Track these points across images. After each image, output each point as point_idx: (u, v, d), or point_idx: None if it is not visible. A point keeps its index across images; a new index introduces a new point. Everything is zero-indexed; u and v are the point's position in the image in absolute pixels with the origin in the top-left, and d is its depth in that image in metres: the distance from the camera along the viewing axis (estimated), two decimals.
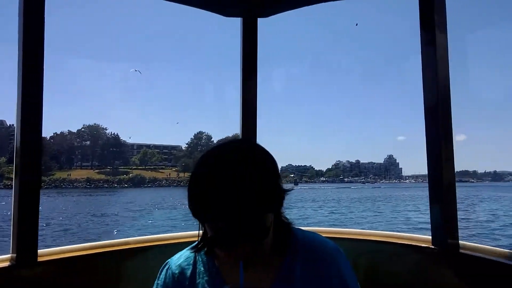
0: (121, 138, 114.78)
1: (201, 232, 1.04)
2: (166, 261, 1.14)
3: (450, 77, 1.64)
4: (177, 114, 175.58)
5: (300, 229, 1.12)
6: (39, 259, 1.51)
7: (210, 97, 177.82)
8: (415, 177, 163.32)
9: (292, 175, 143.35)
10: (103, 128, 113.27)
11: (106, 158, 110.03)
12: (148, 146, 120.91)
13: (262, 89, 2.11)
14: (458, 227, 1.59)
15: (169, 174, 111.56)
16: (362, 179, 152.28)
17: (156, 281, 1.12)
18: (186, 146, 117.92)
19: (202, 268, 1.06)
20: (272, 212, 0.97)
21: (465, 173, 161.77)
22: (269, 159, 0.99)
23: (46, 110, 1.56)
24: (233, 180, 0.88)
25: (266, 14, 2.15)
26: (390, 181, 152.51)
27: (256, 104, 2.09)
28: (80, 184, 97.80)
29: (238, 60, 2.12)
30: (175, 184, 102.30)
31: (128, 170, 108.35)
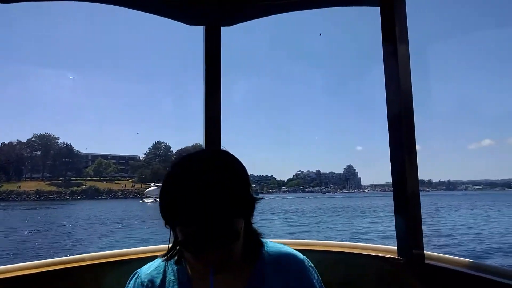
0: (74, 149, 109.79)
1: (170, 244, 1.04)
2: (136, 271, 1.12)
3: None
4: (136, 125, 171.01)
5: (270, 241, 1.14)
6: None
7: (170, 107, 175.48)
8: (374, 187, 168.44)
9: (254, 185, 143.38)
10: (55, 137, 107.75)
11: (58, 169, 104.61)
12: (104, 157, 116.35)
13: (223, 99, 2.07)
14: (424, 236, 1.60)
15: (125, 185, 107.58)
16: (322, 188, 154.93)
17: None
18: (144, 156, 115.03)
19: (172, 277, 1.05)
20: (242, 217, 0.98)
21: (421, 183, 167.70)
22: (239, 166, 1.01)
23: None
24: (204, 184, 0.90)
25: (229, 23, 2.12)
26: (350, 191, 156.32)
27: (219, 114, 2.04)
28: (29, 196, 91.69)
29: (197, 70, 2.08)
30: (131, 196, 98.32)
31: (82, 181, 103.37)
